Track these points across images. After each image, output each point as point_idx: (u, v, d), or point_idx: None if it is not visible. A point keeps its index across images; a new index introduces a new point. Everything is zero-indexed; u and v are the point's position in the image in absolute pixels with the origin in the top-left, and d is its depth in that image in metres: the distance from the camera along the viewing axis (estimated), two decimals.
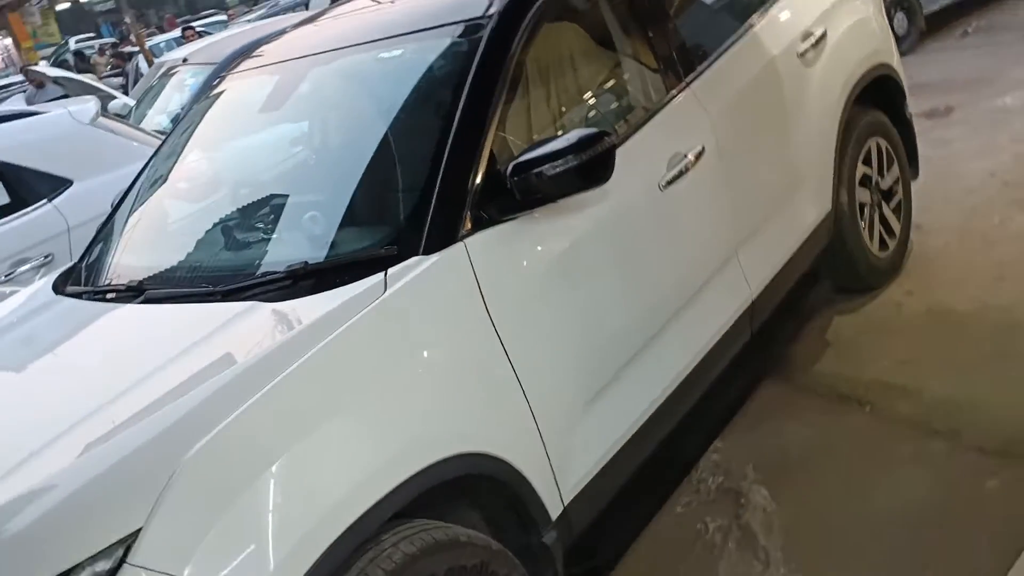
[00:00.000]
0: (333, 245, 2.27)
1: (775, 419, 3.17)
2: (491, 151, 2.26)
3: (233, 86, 3.22)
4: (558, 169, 2.12)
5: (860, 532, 2.59)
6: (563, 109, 2.76)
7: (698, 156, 2.67)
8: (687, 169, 2.64)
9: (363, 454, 1.85)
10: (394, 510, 1.87)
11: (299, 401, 1.81)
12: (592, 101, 2.88)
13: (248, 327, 2.05)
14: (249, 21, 16.05)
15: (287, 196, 2.64)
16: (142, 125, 6.58)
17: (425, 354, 2.03)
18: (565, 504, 2.26)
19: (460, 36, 2.51)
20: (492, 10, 2.48)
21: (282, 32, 3.42)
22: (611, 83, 2.97)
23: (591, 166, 2.16)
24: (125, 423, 1.83)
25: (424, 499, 1.96)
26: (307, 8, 16.33)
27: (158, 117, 7.16)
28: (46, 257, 4.16)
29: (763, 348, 3.14)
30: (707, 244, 2.78)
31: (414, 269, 2.04)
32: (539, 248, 2.24)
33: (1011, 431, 2.74)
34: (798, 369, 3.41)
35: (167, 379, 1.92)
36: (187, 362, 1.98)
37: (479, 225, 2.16)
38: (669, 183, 2.60)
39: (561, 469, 2.24)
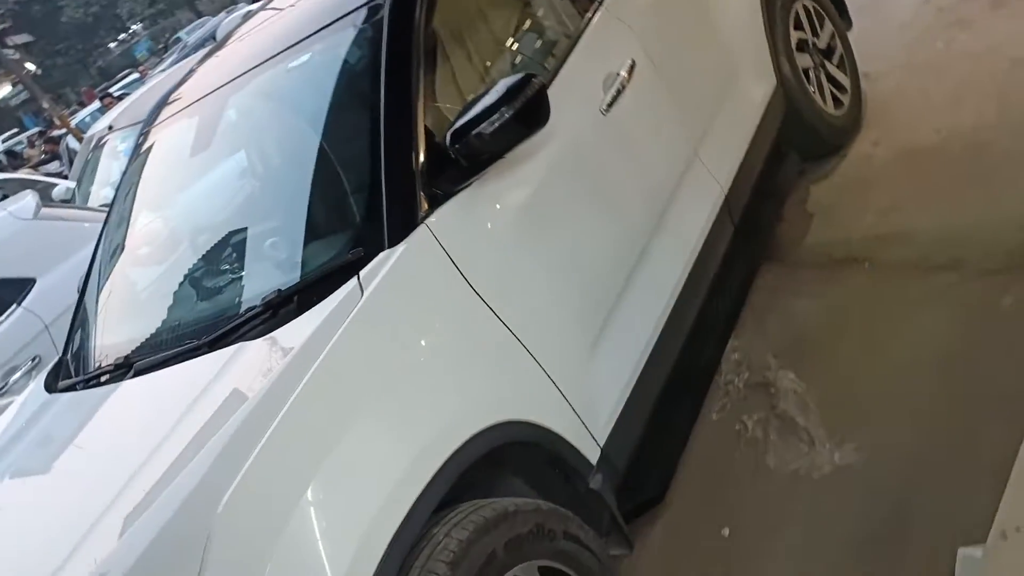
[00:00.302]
0: (301, 265, 2.24)
1: (781, 302, 3.16)
2: (426, 127, 2.23)
3: (159, 139, 3.16)
4: (496, 124, 2.08)
5: (893, 386, 2.60)
6: (487, 63, 2.72)
7: (630, 71, 2.63)
8: (623, 86, 2.60)
9: (391, 454, 1.84)
10: (437, 500, 1.86)
11: (313, 423, 1.80)
12: (513, 47, 2.83)
13: (241, 369, 2.03)
14: (163, 71, 15.80)
15: (244, 230, 2.60)
16: (89, 203, 6.50)
17: (422, 342, 2.01)
18: (601, 445, 2.26)
19: (361, 23, 2.46)
20: None
21: (190, 72, 3.35)
22: (527, 23, 2.92)
23: (527, 112, 2.12)
24: (150, 498, 1.81)
25: (463, 482, 1.95)
26: (215, 40, 16.05)
27: (103, 191, 7.07)
28: (33, 360, 4.13)
29: (750, 237, 3.11)
30: (664, 153, 2.75)
31: (384, 264, 2.01)
32: (498, 207, 2.21)
33: (1010, 245, 2.73)
34: (789, 248, 3.40)
35: (179, 442, 1.90)
36: (193, 420, 1.96)
37: (436, 203, 2.13)
38: (610, 105, 2.56)
39: (587, 413, 2.23)
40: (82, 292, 3.03)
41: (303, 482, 1.72)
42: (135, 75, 26.17)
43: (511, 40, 2.86)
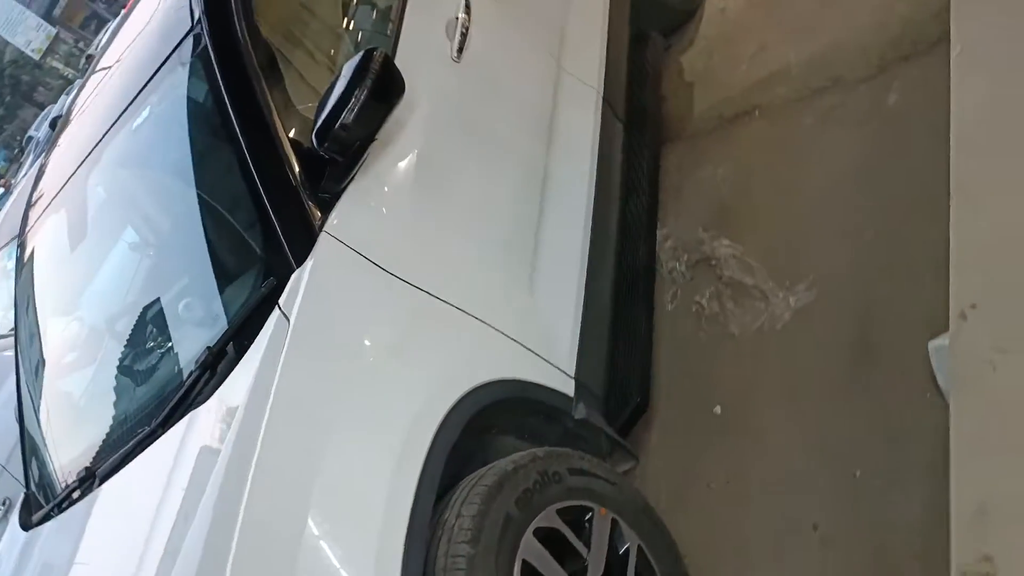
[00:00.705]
0: (220, 315, 2.18)
1: (692, 177, 3.18)
2: (292, 138, 2.17)
3: (37, 244, 3.05)
4: (355, 110, 2.04)
5: (818, 215, 2.64)
6: (331, 53, 2.65)
7: (467, 9, 2.58)
8: (466, 28, 2.55)
9: (377, 459, 1.84)
10: (436, 486, 1.87)
11: (288, 461, 1.78)
12: (350, 27, 2.76)
13: (200, 438, 1.98)
14: (25, 175, 15.17)
15: (155, 303, 2.52)
16: None
17: (366, 342, 1.99)
18: (573, 375, 2.27)
19: (187, 58, 2.37)
20: (196, 12, 2.33)
21: (42, 168, 3.22)
22: (355, 1, 2.85)
23: (380, 87, 2.08)
24: None
25: (457, 460, 1.96)
26: None
27: (8, 315, 6.80)
28: (4, 503, 3.99)
29: (641, 127, 3.12)
30: (529, 77, 2.72)
31: (299, 285, 1.97)
32: (387, 189, 2.17)
33: (877, 48, 2.78)
34: (682, 123, 3.41)
35: (164, 531, 1.86)
36: (171, 504, 1.91)
37: (327, 207, 2.08)
38: (460, 50, 2.52)
39: (548, 350, 2.23)
40: (21, 421, 2.92)
41: (300, 519, 1.71)
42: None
43: (345, 22, 2.78)
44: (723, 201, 3.00)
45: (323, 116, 2.06)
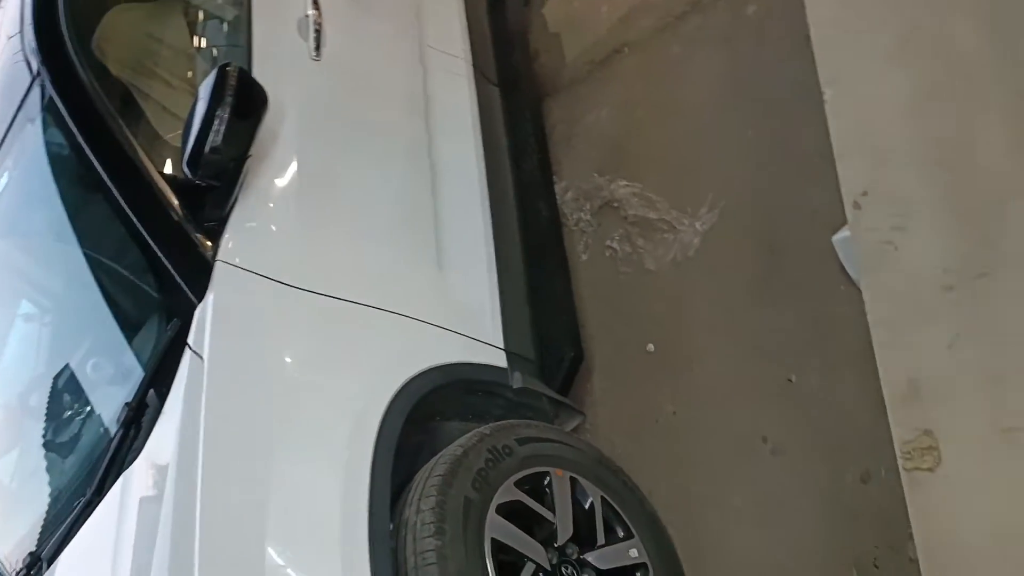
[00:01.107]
0: (133, 368, 2.10)
1: (577, 125, 3.18)
2: (163, 172, 2.09)
3: None
4: (221, 131, 1.97)
5: (704, 136, 2.68)
6: (189, 76, 2.56)
7: (316, 5, 2.51)
8: (319, 24, 2.49)
9: (323, 473, 1.82)
10: (389, 485, 1.85)
11: (232, 498, 1.73)
12: (201, 46, 2.67)
13: (138, 494, 1.91)
14: None
15: (64, 370, 2.43)
16: None
17: (287, 360, 1.95)
18: (502, 346, 2.26)
19: (35, 111, 2.25)
20: (33, 63, 2.22)
21: None
22: (201, 19, 2.75)
23: (242, 102, 2.01)
24: None
25: (406, 456, 1.94)
26: None
27: None
28: None
29: (516, 86, 3.10)
30: (395, 60, 2.67)
31: (205, 320, 1.91)
32: (272, 203, 2.11)
33: None
34: (557, 74, 3.40)
35: None
36: (123, 564, 1.85)
37: (216, 235, 2.02)
38: (318, 48, 2.46)
39: (471, 327, 2.22)
40: None
41: (258, 552, 1.67)
42: None
43: (196, 41, 2.69)
44: (613, 143, 3.01)
45: (190, 144, 1.99)
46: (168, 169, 2.11)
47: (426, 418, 2.11)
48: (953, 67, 1.80)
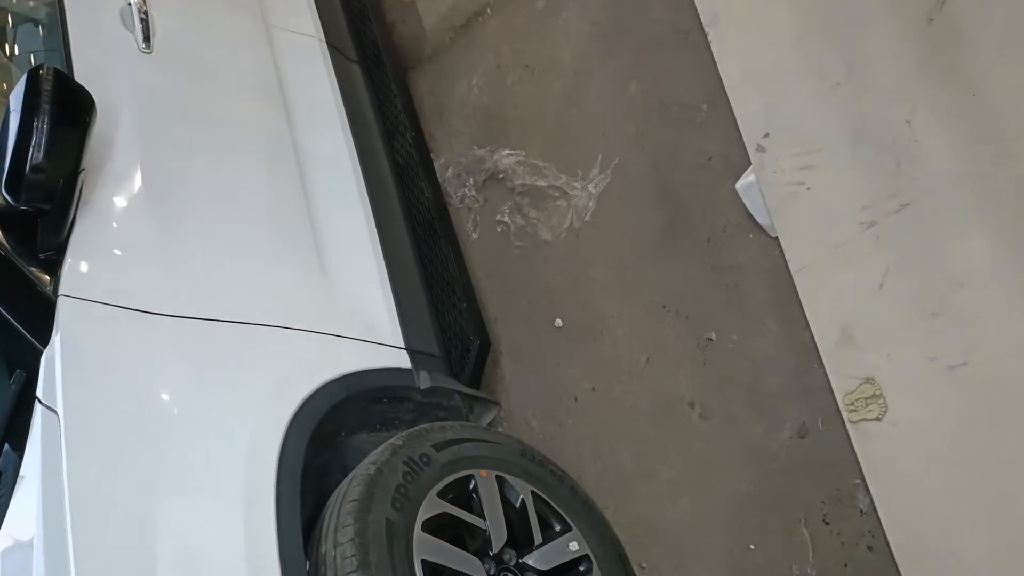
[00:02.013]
0: None
1: (448, 96, 2.99)
2: None
3: None
4: (43, 145, 1.69)
5: (578, 93, 2.53)
6: (3, 88, 2.23)
7: None
8: (145, 13, 2.20)
9: (222, 512, 1.61)
10: (299, 521, 1.65)
11: (113, 553, 1.49)
12: (14, 54, 2.34)
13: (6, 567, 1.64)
14: None
15: None
16: None
17: (163, 396, 1.70)
18: (403, 345, 2.06)
19: None
20: None
21: None
22: (6, 23, 2.41)
23: (63, 108, 1.73)
24: None
25: (311, 483, 1.74)
26: None
27: None
28: None
29: (376, 62, 2.88)
30: (236, 45, 2.40)
31: (55, 367, 1.63)
32: (116, 222, 1.84)
33: None
34: (418, 45, 3.20)
35: None
36: None
37: (55, 267, 1.74)
38: (147, 39, 2.17)
39: (367, 330, 2.02)
40: None
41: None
42: None
43: (7, 49, 2.36)
44: (488, 112, 2.84)
45: (6, 164, 1.69)
46: None
47: (330, 435, 1.91)
48: None
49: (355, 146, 2.40)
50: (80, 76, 1.93)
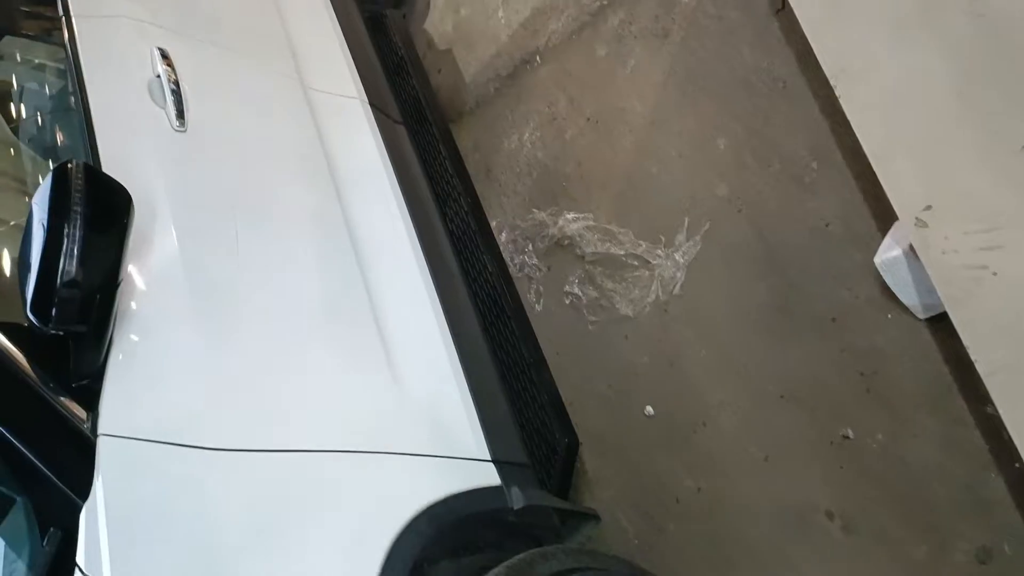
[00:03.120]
0: None
1: (494, 151, 2.74)
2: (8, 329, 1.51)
3: None
4: (75, 256, 1.41)
5: (665, 144, 2.27)
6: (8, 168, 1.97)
7: (167, 61, 1.96)
8: (176, 84, 1.93)
9: None
10: None
11: None
12: (29, 141, 2.08)
13: None
14: None
15: None
16: None
17: (224, 546, 1.41)
18: (490, 457, 1.78)
19: None
20: None
21: None
22: (15, 95, 2.15)
23: (97, 209, 1.46)
24: None
25: None
26: None
27: None
28: None
29: (420, 120, 2.63)
30: (278, 112, 2.14)
31: (98, 526, 1.35)
32: (160, 338, 1.56)
33: None
34: (458, 95, 2.95)
35: None
36: None
37: (93, 399, 1.45)
38: (180, 115, 1.90)
39: (450, 446, 1.74)
40: None
41: None
42: None
43: (15, 125, 2.10)
44: (544, 168, 2.58)
45: (32, 282, 1.42)
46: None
47: (412, 571, 1.61)
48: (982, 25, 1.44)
49: (411, 219, 2.13)
50: (108, 163, 1.67)
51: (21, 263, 1.46)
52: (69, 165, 1.47)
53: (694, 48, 2.27)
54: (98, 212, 1.46)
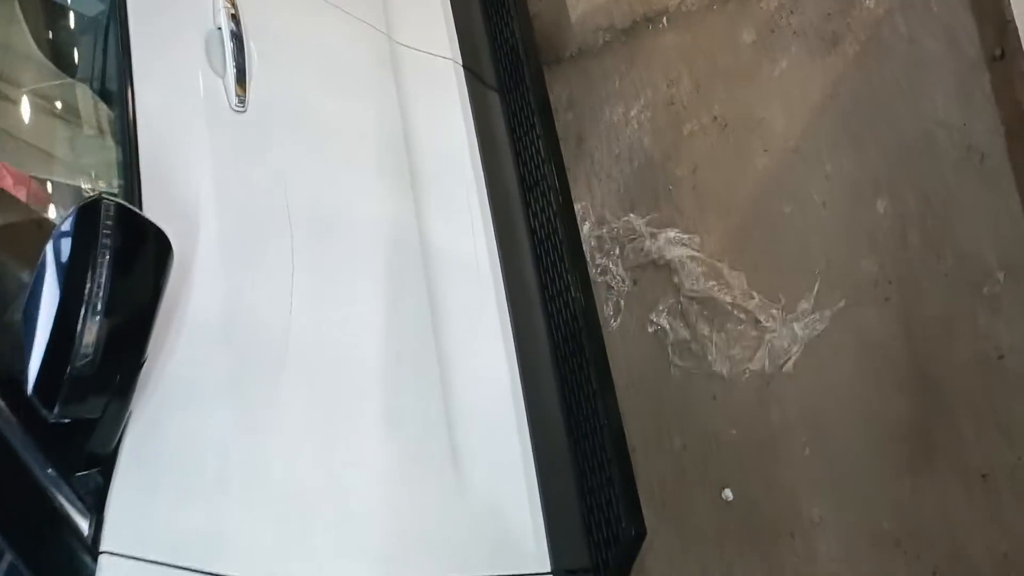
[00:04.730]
0: None
1: (592, 118, 2.34)
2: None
3: None
4: (95, 333, 1.10)
5: (812, 187, 1.90)
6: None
7: (235, 19, 1.55)
8: (240, 38, 1.54)
9: None
10: None
11: None
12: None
13: None
14: None
15: None
16: None
17: None
18: (551, 569, 1.53)
19: None
20: None
21: None
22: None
23: (130, 260, 1.14)
24: None
25: None
26: None
27: None
28: None
29: (515, 78, 2.21)
30: (358, 85, 1.74)
31: None
32: (182, 430, 1.26)
33: None
34: (559, 36, 2.50)
35: None
36: None
37: (96, 502, 1.18)
38: (242, 86, 1.52)
39: (512, 556, 1.48)
40: None
41: None
42: None
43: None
44: (650, 159, 2.19)
45: (39, 355, 1.11)
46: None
47: None
48: None
49: (496, 236, 1.79)
50: (146, 158, 1.33)
51: (26, 317, 1.14)
52: (101, 205, 1.13)
53: (870, 71, 1.85)
54: (129, 267, 1.14)
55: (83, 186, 1.49)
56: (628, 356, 2.12)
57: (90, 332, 1.10)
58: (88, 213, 1.12)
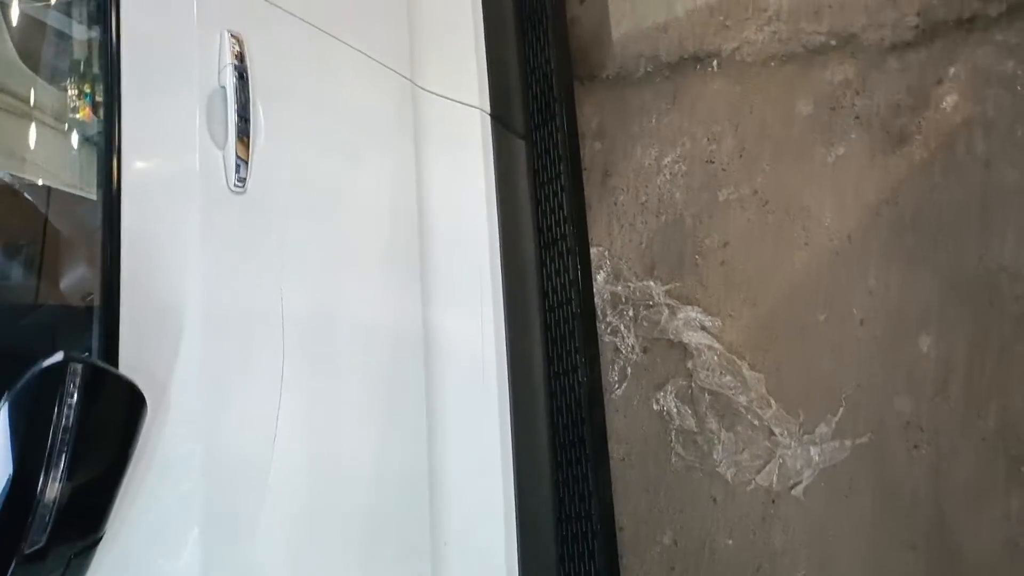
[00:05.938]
0: None
1: (621, 151, 2.16)
2: None
3: None
4: (56, 497, 0.97)
5: (857, 292, 1.75)
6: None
7: (239, 56, 1.35)
8: (246, 103, 1.34)
9: None
10: None
11: None
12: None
13: None
14: None
15: None
16: None
17: None
18: None
19: None
20: None
21: None
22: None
23: (99, 424, 1.00)
24: None
25: None
26: None
27: None
28: None
29: (545, 115, 2.02)
30: (372, 145, 1.56)
31: None
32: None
33: None
34: (597, 52, 2.29)
35: None
36: None
37: None
38: (243, 163, 1.34)
39: None
40: None
41: None
42: None
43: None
44: (679, 218, 2.03)
45: None
46: None
47: None
48: None
49: (505, 313, 1.64)
50: (128, 238, 1.17)
51: None
52: (69, 366, 0.97)
53: (936, 185, 1.69)
54: (94, 437, 0.99)
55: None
56: (628, 429, 2.01)
57: (43, 519, 0.96)
58: (50, 375, 0.97)
